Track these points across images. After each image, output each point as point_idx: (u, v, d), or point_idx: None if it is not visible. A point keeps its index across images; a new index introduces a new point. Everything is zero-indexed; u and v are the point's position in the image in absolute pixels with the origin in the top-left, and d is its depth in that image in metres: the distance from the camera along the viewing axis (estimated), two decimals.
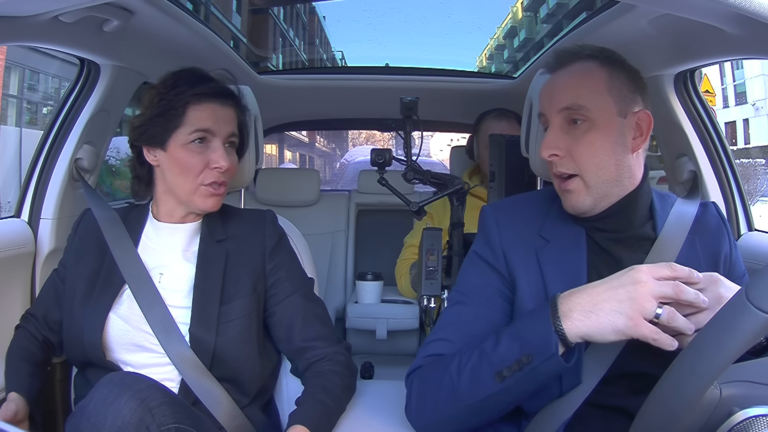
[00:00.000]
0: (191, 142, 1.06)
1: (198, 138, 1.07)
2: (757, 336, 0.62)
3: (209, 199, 1.09)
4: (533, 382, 0.80)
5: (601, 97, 0.91)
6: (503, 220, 0.99)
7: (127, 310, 1.06)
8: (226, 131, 1.09)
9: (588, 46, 0.96)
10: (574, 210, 0.94)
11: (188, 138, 1.06)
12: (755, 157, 10.80)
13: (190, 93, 1.06)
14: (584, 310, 0.76)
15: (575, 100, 0.91)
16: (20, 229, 1.39)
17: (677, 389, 0.67)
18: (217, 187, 1.09)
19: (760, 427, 0.62)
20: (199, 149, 1.07)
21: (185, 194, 1.09)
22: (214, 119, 1.07)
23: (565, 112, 0.93)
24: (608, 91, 0.92)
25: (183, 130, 1.06)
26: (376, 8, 3.12)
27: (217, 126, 1.07)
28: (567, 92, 0.93)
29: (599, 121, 0.91)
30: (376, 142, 15.18)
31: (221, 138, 1.08)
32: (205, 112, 1.07)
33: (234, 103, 1.13)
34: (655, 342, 0.73)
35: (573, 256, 0.94)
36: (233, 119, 1.12)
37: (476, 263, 1.00)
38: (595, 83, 0.92)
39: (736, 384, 0.68)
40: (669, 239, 0.94)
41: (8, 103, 4.02)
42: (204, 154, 1.07)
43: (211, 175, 1.07)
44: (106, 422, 0.81)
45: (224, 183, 1.10)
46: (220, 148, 1.07)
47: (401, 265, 2.11)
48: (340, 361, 1.10)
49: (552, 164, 0.95)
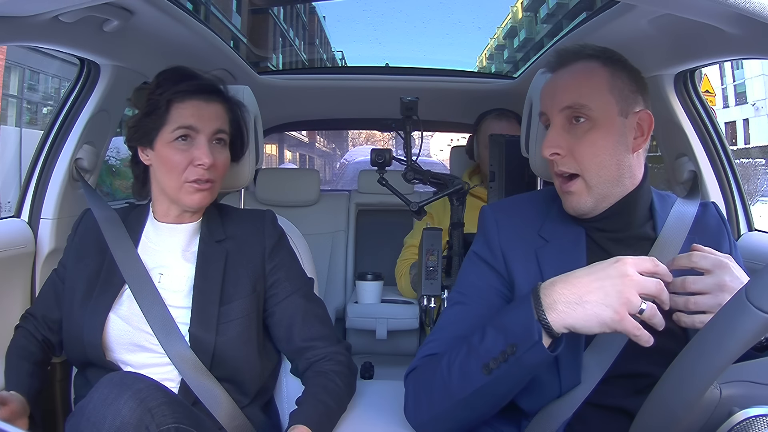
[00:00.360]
0: (175, 140, 1.07)
1: (181, 135, 1.06)
2: (757, 336, 0.62)
3: (195, 195, 1.08)
4: (520, 374, 0.80)
5: (602, 97, 0.92)
6: (503, 220, 0.99)
7: (127, 310, 1.06)
8: (211, 128, 1.08)
9: (590, 46, 0.96)
10: (575, 211, 0.94)
11: (172, 136, 1.07)
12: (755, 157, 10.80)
13: (172, 91, 1.07)
14: (569, 302, 0.76)
15: (577, 99, 0.92)
16: (20, 229, 1.39)
17: (677, 389, 0.67)
18: (202, 183, 1.08)
19: (760, 427, 0.62)
20: (183, 146, 1.07)
21: (172, 191, 1.10)
22: (197, 116, 1.07)
23: (566, 111, 0.93)
24: (610, 90, 0.92)
25: (167, 128, 1.07)
26: (376, 8, 3.11)
27: (200, 123, 1.07)
28: (569, 91, 0.93)
29: (601, 121, 0.91)
30: (376, 142, 15.17)
31: (206, 135, 1.07)
32: (188, 110, 1.07)
33: (220, 100, 1.12)
34: (635, 338, 0.74)
35: (572, 256, 0.94)
36: (220, 116, 1.11)
37: (475, 263, 1.00)
38: (596, 83, 0.92)
39: (736, 384, 0.68)
40: (669, 239, 0.94)
41: (8, 103, 4.02)
42: (188, 152, 1.07)
43: (195, 172, 1.07)
44: (106, 422, 0.81)
45: (211, 180, 1.09)
46: (204, 145, 1.07)
47: (401, 265, 2.11)
48: (341, 360, 1.10)
49: (553, 163, 0.95)
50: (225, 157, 1.12)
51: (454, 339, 0.92)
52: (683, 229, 0.95)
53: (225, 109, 1.12)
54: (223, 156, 1.11)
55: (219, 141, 1.11)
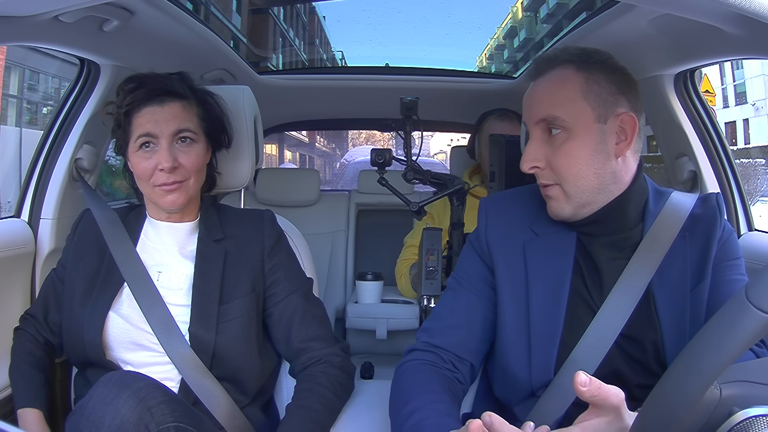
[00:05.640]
0: (139, 149, 1.07)
1: (143, 144, 1.07)
2: (757, 336, 0.62)
3: (166, 197, 1.08)
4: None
5: (575, 105, 0.89)
6: (493, 215, 1.01)
7: (127, 309, 1.06)
8: (170, 129, 1.07)
9: (568, 49, 0.94)
10: (556, 216, 0.94)
11: (135, 145, 1.08)
12: (755, 157, 10.78)
13: (127, 102, 1.07)
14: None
15: (550, 111, 0.90)
16: (20, 229, 1.39)
17: (677, 389, 0.67)
18: (169, 185, 1.07)
19: (760, 427, 0.62)
20: (148, 154, 1.07)
21: (148, 196, 1.11)
22: (153, 122, 1.07)
23: (542, 124, 0.92)
24: (584, 97, 0.89)
25: (132, 139, 1.08)
26: (376, 8, 3.11)
27: (157, 128, 1.06)
28: (542, 103, 0.92)
29: (576, 130, 0.89)
30: (376, 142, 15.17)
31: (166, 138, 1.07)
32: (144, 117, 1.07)
33: (177, 98, 1.10)
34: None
35: (560, 254, 0.94)
36: (178, 115, 1.08)
37: (470, 251, 1.03)
38: (569, 91, 0.90)
39: (736, 384, 0.67)
40: (656, 240, 0.92)
41: (8, 103, 4.02)
42: (152, 158, 1.07)
43: (160, 177, 1.07)
44: (105, 421, 0.82)
45: (178, 181, 1.08)
46: (164, 149, 1.06)
47: (401, 265, 2.11)
48: (335, 362, 1.10)
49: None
50: (194, 155, 1.10)
51: (447, 328, 0.97)
52: (674, 227, 0.93)
53: (185, 106, 1.10)
54: (190, 155, 1.09)
55: (184, 140, 1.09)
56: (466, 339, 0.97)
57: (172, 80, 1.11)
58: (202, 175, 1.13)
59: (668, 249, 0.91)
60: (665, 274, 0.91)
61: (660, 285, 0.91)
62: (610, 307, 0.90)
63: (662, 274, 0.91)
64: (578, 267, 0.94)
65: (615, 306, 0.90)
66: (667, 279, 0.91)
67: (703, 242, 0.93)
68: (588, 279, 0.94)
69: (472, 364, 0.98)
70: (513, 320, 0.94)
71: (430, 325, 1.00)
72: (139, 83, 1.09)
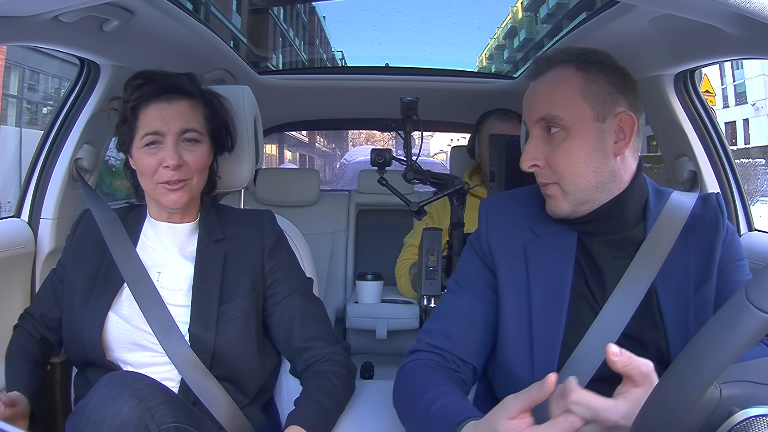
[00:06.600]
0: (145, 146, 1.07)
1: (149, 141, 1.07)
2: (757, 336, 0.62)
3: (169, 196, 1.08)
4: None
5: (574, 104, 0.90)
6: (494, 217, 1.01)
7: (126, 310, 1.06)
8: (177, 128, 1.07)
9: (568, 49, 0.94)
10: (554, 214, 0.94)
11: (142, 142, 1.07)
12: (755, 157, 10.78)
13: (135, 97, 1.07)
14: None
15: (549, 110, 0.91)
16: (20, 229, 1.39)
17: (678, 389, 0.67)
18: (172, 184, 1.07)
19: (760, 427, 0.62)
20: (153, 151, 1.07)
21: (150, 194, 1.11)
22: (160, 120, 1.06)
23: (541, 122, 0.92)
24: (583, 96, 0.90)
25: (138, 135, 1.08)
26: (376, 8, 3.11)
27: (164, 126, 1.06)
28: (542, 102, 0.92)
29: (575, 129, 0.90)
30: (376, 142, 15.16)
31: (172, 136, 1.07)
32: (152, 114, 1.07)
33: (185, 97, 1.10)
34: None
35: (561, 254, 0.94)
36: (185, 114, 1.08)
37: (470, 253, 1.03)
38: (568, 90, 0.91)
39: (736, 384, 0.67)
40: (658, 240, 0.92)
41: (8, 103, 4.02)
42: (157, 155, 1.06)
43: (164, 174, 1.06)
44: (106, 421, 0.82)
45: (182, 179, 1.08)
46: (170, 147, 1.06)
47: (401, 265, 2.11)
48: (338, 361, 1.10)
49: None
50: (199, 155, 1.10)
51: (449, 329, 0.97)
52: (676, 227, 0.93)
53: (192, 105, 1.10)
54: (195, 154, 1.09)
55: (189, 140, 1.09)
56: (468, 342, 0.97)
57: (181, 78, 1.11)
58: (204, 176, 1.14)
59: (671, 249, 0.91)
60: (668, 275, 0.91)
61: (663, 285, 0.91)
62: (612, 307, 0.90)
63: (665, 274, 0.91)
64: (580, 267, 0.94)
65: (617, 306, 0.90)
66: (670, 279, 0.91)
67: (706, 243, 0.93)
68: (590, 279, 0.94)
69: (475, 367, 0.97)
70: (515, 321, 0.94)
71: (431, 326, 1.00)
72: (147, 79, 1.09)
